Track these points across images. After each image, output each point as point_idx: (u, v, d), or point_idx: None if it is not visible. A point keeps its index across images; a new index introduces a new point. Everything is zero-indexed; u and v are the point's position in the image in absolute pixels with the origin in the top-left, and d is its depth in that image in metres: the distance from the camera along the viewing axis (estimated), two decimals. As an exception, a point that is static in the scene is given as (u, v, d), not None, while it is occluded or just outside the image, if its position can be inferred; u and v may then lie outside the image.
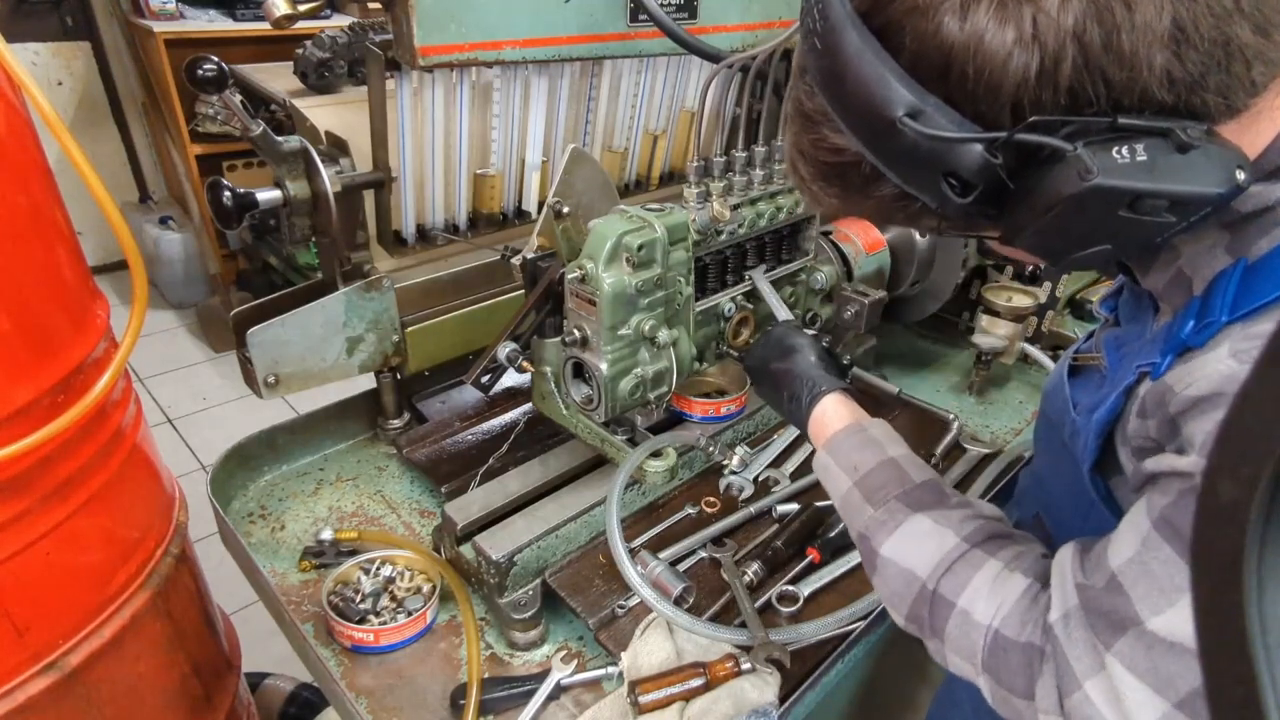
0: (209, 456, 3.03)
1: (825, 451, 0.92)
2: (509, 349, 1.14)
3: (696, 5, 1.38)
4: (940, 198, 0.60)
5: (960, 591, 0.75)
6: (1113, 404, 0.75)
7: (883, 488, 0.84)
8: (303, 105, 1.47)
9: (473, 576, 1.16)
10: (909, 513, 0.81)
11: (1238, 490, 0.32)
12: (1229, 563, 0.33)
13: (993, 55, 0.54)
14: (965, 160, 0.58)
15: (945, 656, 0.78)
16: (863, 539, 0.84)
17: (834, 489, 0.90)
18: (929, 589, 0.76)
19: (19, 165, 0.88)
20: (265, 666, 1.90)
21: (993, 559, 0.76)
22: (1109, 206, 0.56)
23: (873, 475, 0.86)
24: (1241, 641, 0.32)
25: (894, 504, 0.83)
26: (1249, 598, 0.32)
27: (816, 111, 0.66)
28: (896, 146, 0.59)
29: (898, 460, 0.87)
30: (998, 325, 1.60)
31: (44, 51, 3.86)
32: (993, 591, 0.74)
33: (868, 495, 0.85)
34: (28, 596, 0.94)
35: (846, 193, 0.69)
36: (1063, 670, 0.68)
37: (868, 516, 0.84)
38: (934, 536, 0.78)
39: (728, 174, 1.22)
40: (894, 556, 0.80)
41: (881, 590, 0.83)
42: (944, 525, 0.79)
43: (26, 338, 0.89)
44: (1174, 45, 0.53)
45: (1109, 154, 0.54)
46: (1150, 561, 0.62)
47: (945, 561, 0.76)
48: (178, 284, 4.06)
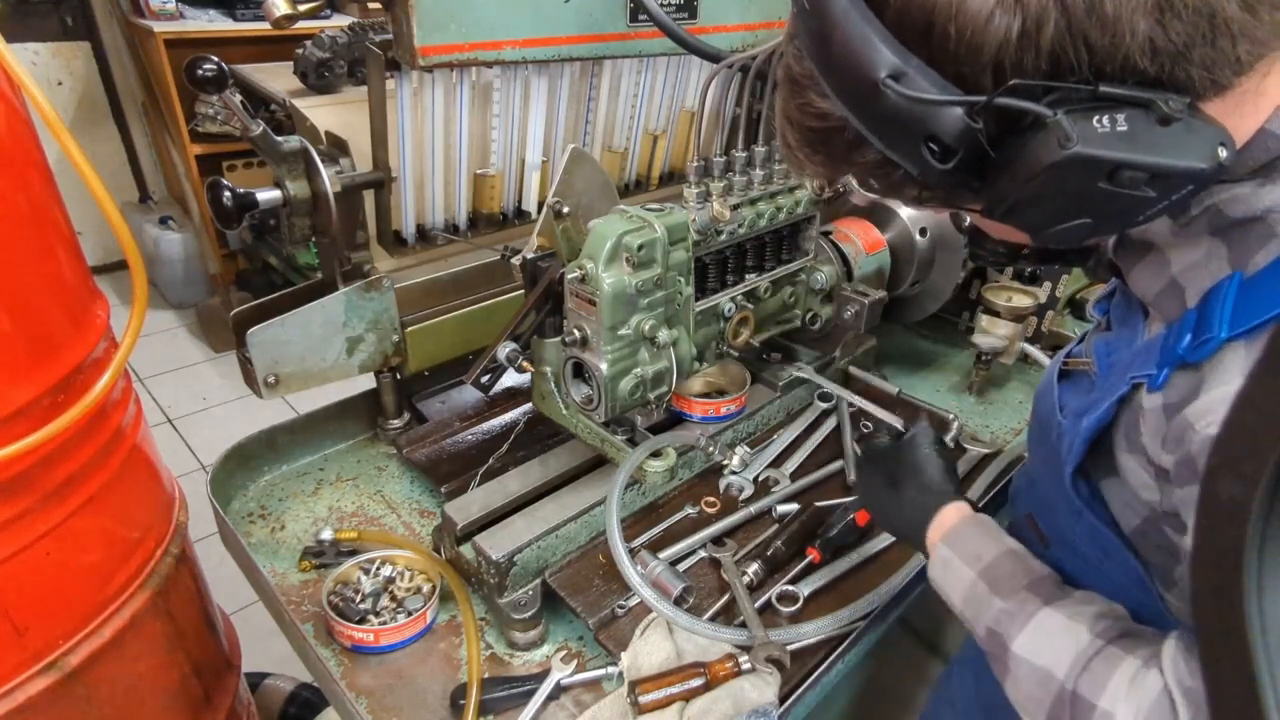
0: (209, 456, 3.03)
1: (945, 544, 0.88)
2: (509, 349, 1.14)
3: (696, 5, 1.38)
4: (921, 164, 0.60)
5: (1100, 693, 0.71)
6: (1104, 412, 0.75)
7: (1010, 577, 0.82)
8: (303, 105, 1.47)
9: (473, 576, 1.16)
10: (1040, 604, 0.78)
11: (1238, 489, 0.32)
12: (1229, 563, 0.33)
13: (975, 15, 0.54)
14: (946, 125, 0.57)
15: None
16: (992, 635, 0.80)
17: (956, 583, 0.86)
18: (1067, 689, 0.73)
19: (19, 165, 0.88)
20: (265, 666, 1.90)
21: (1130, 656, 0.72)
22: (1088, 177, 0.56)
23: (998, 564, 0.83)
24: (1242, 641, 0.32)
25: (1024, 594, 0.80)
26: (1249, 598, 0.32)
27: (803, 76, 0.66)
28: (879, 110, 0.59)
29: (1018, 552, 0.85)
30: (997, 325, 1.60)
31: (44, 51, 3.86)
32: (1130, 693, 0.70)
33: (993, 586, 0.82)
34: (28, 596, 0.94)
35: (830, 159, 0.69)
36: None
37: (997, 609, 0.80)
38: (1069, 633, 0.75)
39: (728, 174, 1.22)
40: (1027, 655, 0.77)
41: (1014, 695, 0.79)
42: (1078, 621, 0.76)
43: (26, 338, 0.89)
44: (1158, 13, 0.53)
45: (1089, 122, 0.54)
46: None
47: (1082, 659, 0.73)
48: (178, 284, 4.06)
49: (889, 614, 1.12)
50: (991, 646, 0.81)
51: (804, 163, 0.72)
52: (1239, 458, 0.32)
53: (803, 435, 1.46)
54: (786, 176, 1.32)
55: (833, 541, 1.19)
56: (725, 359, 1.36)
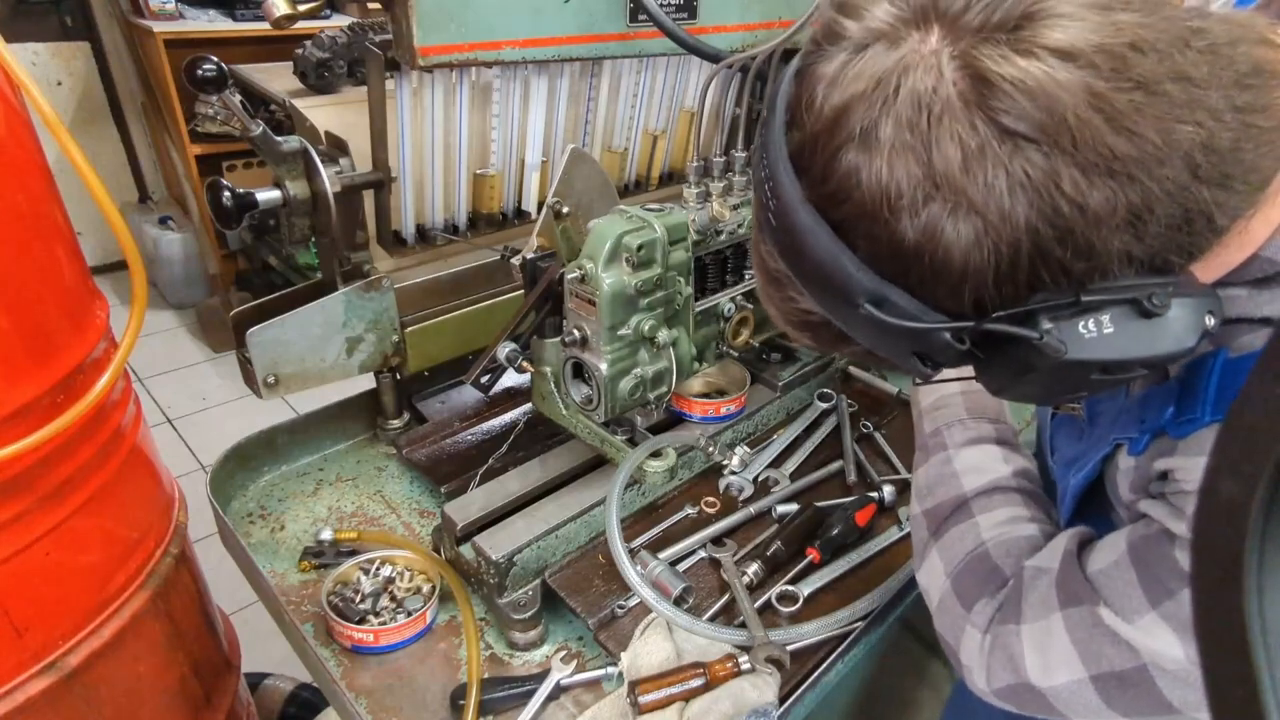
0: (209, 456, 3.02)
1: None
2: (508, 349, 1.14)
3: (696, 5, 1.38)
4: (912, 367, 0.61)
5: (984, 512, 0.84)
6: (1090, 471, 0.79)
7: (984, 409, 0.92)
8: (302, 105, 1.46)
9: (472, 576, 1.16)
10: (993, 439, 0.89)
11: (1238, 489, 0.32)
12: (1229, 563, 0.33)
13: (948, 255, 0.54)
14: (933, 343, 0.58)
15: (925, 557, 0.87)
16: (938, 434, 0.92)
17: (939, 388, 0.95)
18: (966, 498, 0.86)
19: (19, 165, 0.88)
20: (265, 666, 1.90)
21: (1025, 508, 0.85)
22: (1082, 372, 0.56)
23: (981, 397, 0.93)
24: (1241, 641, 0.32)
25: (986, 425, 0.91)
26: (1249, 598, 0.32)
27: (781, 274, 0.65)
28: (863, 323, 0.59)
29: (1004, 406, 0.95)
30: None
31: (44, 51, 3.86)
32: (1005, 524, 0.83)
33: (969, 405, 0.93)
34: (27, 596, 0.94)
35: (820, 343, 0.70)
36: (1009, 604, 0.76)
37: (957, 420, 0.92)
38: (995, 468, 0.87)
39: (727, 174, 1.22)
40: (956, 460, 0.88)
41: (921, 477, 0.91)
42: (1010, 463, 0.87)
43: (26, 338, 0.89)
44: (1131, 229, 0.52)
45: (1075, 329, 0.54)
46: (1118, 580, 0.68)
47: (991, 486, 0.85)
48: (177, 284, 4.06)
49: (889, 614, 1.12)
50: (929, 441, 0.94)
51: (795, 339, 0.73)
52: (1239, 458, 0.32)
53: (803, 435, 1.46)
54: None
55: (833, 541, 1.19)
56: (725, 359, 1.36)
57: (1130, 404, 0.73)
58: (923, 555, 0.88)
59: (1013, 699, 0.75)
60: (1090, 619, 0.69)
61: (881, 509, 1.27)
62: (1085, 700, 0.70)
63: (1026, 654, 0.73)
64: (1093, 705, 0.70)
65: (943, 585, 0.83)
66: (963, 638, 0.80)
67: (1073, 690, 0.70)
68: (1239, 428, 0.33)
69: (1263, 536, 0.32)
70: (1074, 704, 0.71)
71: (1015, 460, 0.89)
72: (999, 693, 0.76)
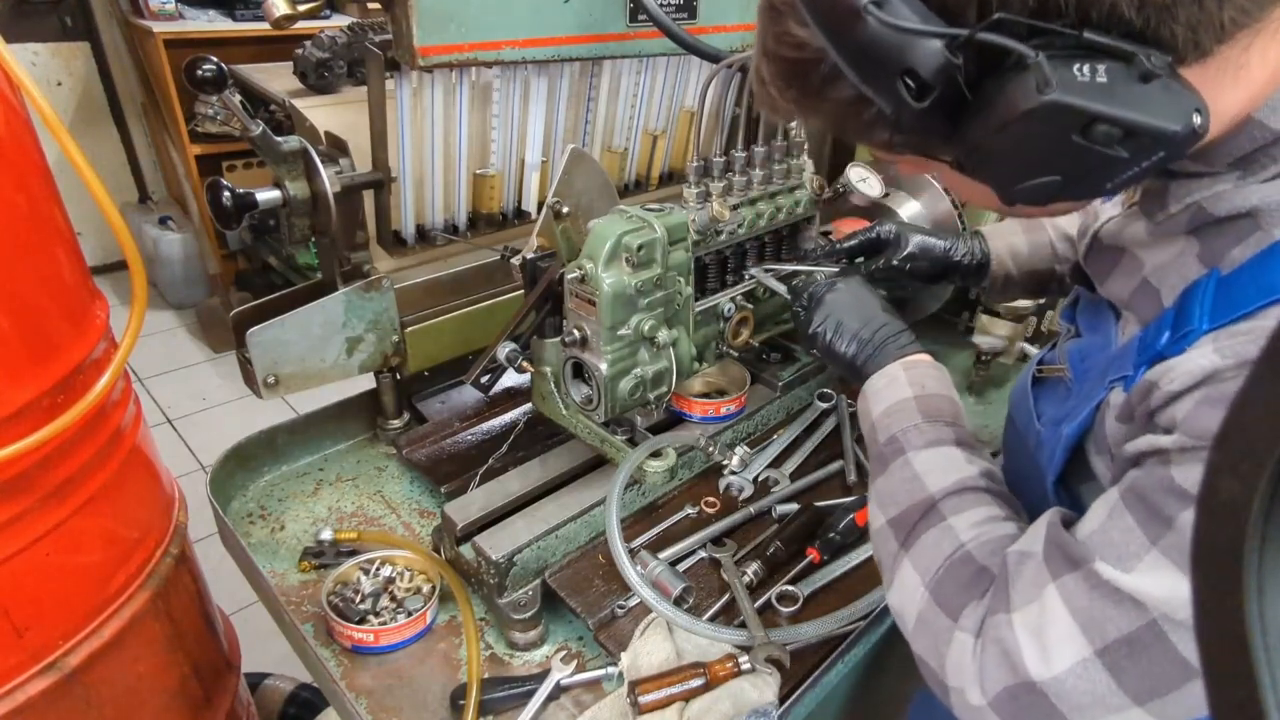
0: (209, 456, 3.02)
1: (901, 366, 0.92)
2: (508, 349, 1.14)
3: (696, 5, 1.38)
4: (896, 100, 0.59)
5: (955, 513, 0.77)
6: (1084, 418, 0.75)
7: (940, 412, 0.86)
8: (302, 105, 1.46)
9: (472, 577, 1.16)
10: (952, 441, 0.83)
11: (1238, 489, 0.32)
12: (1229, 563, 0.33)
13: None
14: (925, 58, 0.56)
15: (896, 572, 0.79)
16: (893, 441, 0.85)
17: (889, 396, 0.89)
18: (934, 499, 0.79)
19: (18, 165, 0.88)
20: (265, 666, 1.90)
21: (998, 507, 0.79)
22: (1063, 127, 0.55)
23: (937, 400, 0.88)
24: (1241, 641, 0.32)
25: (943, 427, 0.84)
26: (1249, 598, 0.32)
27: (783, 3, 0.65)
28: (858, 38, 0.58)
29: (956, 401, 0.89)
30: (997, 325, 1.60)
31: (43, 52, 3.86)
32: (983, 523, 0.76)
33: (922, 408, 0.86)
34: (27, 596, 0.94)
35: (804, 95, 0.68)
36: (998, 595, 0.69)
37: (913, 424, 0.85)
38: (960, 469, 0.81)
39: (727, 174, 1.22)
40: (916, 464, 0.82)
41: (881, 487, 0.84)
42: (973, 465, 0.81)
43: (26, 338, 0.89)
44: None
45: (1069, 70, 0.53)
46: (1112, 530, 0.63)
47: (958, 486, 0.79)
48: (177, 284, 4.06)
49: (889, 614, 1.11)
50: (885, 450, 0.86)
51: (776, 100, 0.71)
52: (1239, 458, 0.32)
53: (802, 435, 1.46)
54: (786, 176, 1.32)
55: (833, 541, 1.19)
56: (725, 359, 1.36)
57: (1121, 350, 0.73)
58: (893, 571, 0.80)
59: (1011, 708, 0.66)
60: (1087, 581, 0.63)
61: (881, 509, 1.27)
62: (1093, 685, 0.62)
63: (1022, 644, 0.65)
64: (1102, 690, 0.62)
65: (920, 599, 0.75)
66: (949, 651, 0.71)
67: (1078, 675, 0.62)
68: (1239, 428, 0.33)
69: (1263, 536, 0.32)
70: (1081, 696, 0.62)
71: (979, 461, 0.82)
72: (996, 702, 0.67)
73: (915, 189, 1.67)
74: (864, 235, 1.24)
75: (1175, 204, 0.69)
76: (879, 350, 0.95)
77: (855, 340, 0.98)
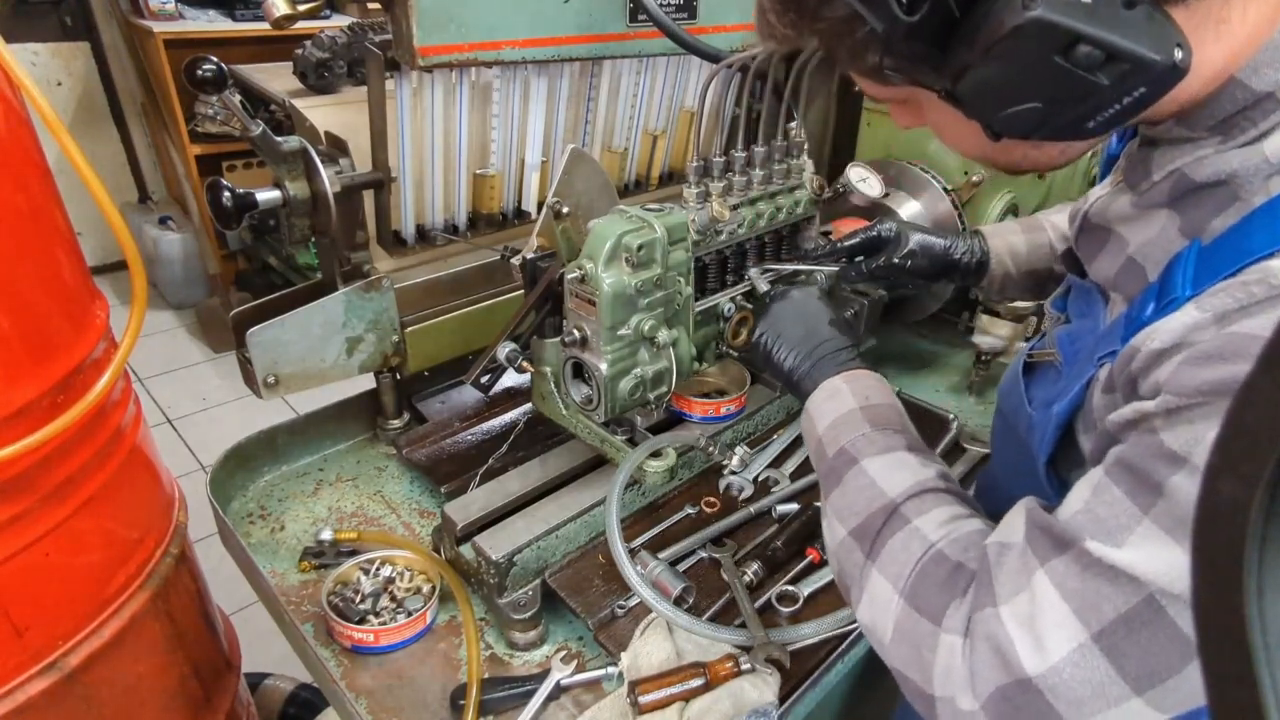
0: (209, 456, 3.03)
1: (844, 380, 0.92)
2: (508, 349, 1.14)
3: (696, 5, 1.38)
4: (888, 16, 0.60)
5: (919, 515, 0.76)
6: (1074, 396, 0.75)
7: (887, 420, 0.86)
8: (302, 105, 1.46)
9: (472, 577, 1.16)
10: (903, 447, 0.83)
11: (1238, 489, 0.32)
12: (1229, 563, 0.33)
13: None
14: None
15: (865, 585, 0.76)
16: (843, 453, 0.84)
17: (833, 410, 0.89)
18: (895, 503, 0.77)
19: (18, 165, 0.88)
20: (265, 666, 1.90)
21: (960, 506, 0.78)
22: (1046, 46, 0.56)
23: (883, 409, 0.87)
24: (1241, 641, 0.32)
25: (892, 435, 0.84)
26: (1249, 598, 0.32)
27: None
28: None
29: (902, 411, 0.89)
30: (997, 325, 1.60)
31: (43, 52, 3.86)
32: (950, 522, 0.75)
33: (868, 418, 0.86)
34: (27, 596, 0.94)
35: (800, 16, 0.69)
36: (981, 589, 0.66)
37: (861, 434, 0.84)
38: (915, 472, 0.80)
39: (727, 174, 1.22)
40: (871, 472, 0.81)
41: (837, 500, 0.82)
42: (928, 468, 0.81)
43: (26, 338, 0.89)
44: None
45: None
46: (1098, 506, 0.62)
47: (917, 488, 0.78)
48: (177, 284, 4.06)
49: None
50: (836, 463, 0.84)
51: (774, 26, 0.72)
52: (1239, 458, 0.32)
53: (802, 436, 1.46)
54: (786, 176, 1.32)
55: (833, 541, 1.18)
56: (725, 359, 1.36)
57: (1109, 328, 0.73)
58: (861, 585, 0.76)
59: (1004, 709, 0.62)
60: (1078, 562, 0.60)
61: (881, 509, 1.27)
62: (1091, 674, 0.59)
63: (1014, 637, 0.61)
64: (1100, 679, 0.59)
65: (896, 608, 0.71)
66: (935, 657, 0.67)
67: (1075, 664, 0.59)
68: (1239, 428, 0.32)
69: (1263, 536, 0.32)
70: (1079, 687, 0.59)
71: (933, 465, 0.81)
72: (988, 705, 0.63)
73: (915, 189, 1.67)
74: (864, 234, 1.24)
75: (1158, 172, 0.70)
76: (817, 365, 0.95)
77: (795, 353, 0.98)
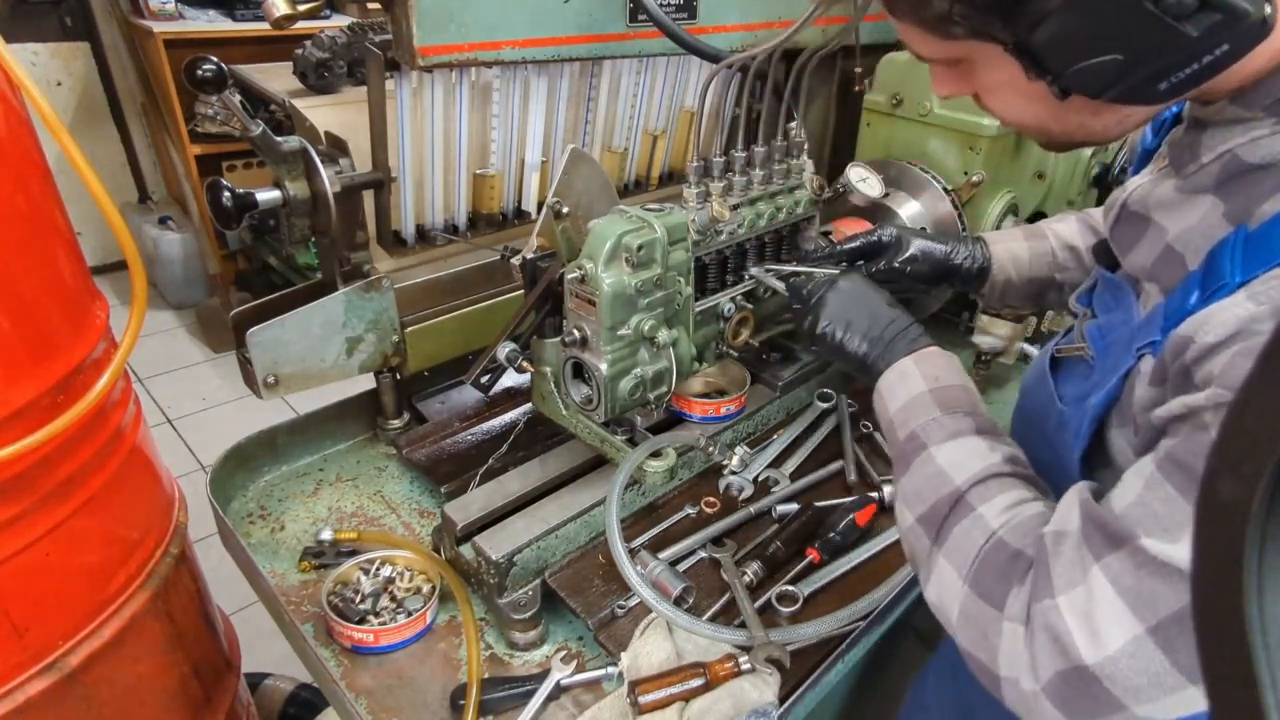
0: (209, 456, 3.03)
1: (912, 360, 0.92)
2: (508, 349, 1.14)
3: (696, 5, 1.38)
4: None
5: (983, 502, 0.77)
6: (1111, 388, 0.75)
7: (956, 402, 0.86)
8: (302, 105, 1.47)
9: (472, 577, 1.16)
10: (971, 430, 0.83)
11: (1238, 489, 0.32)
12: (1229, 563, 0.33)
13: None
14: None
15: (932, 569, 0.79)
16: (913, 438, 0.85)
17: (904, 391, 0.90)
18: (960, 490, 0.78)
19: (18, 165, 0.88)
20: (265, 666, 1.90)
21: (1025, 489, 0.78)
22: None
23: (952, 390, 0.88)
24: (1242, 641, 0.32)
25: (961, 417, 0.84)
26: (1249, 598, 0.32)
27: None
28: None
29: (971, 389, 0.89)
30: (997, 325, 1.60)
31: (43, 52, 3.86)
32: (1012, 507, 0.76)
33: (939, 401, 0.86)
34: (27, 596, 0.94)
35: None
36: (1040, 579, 0.67)
37: (931, 418, 0.85)
38: (983, 457, 0.80)
39: (727, 174, 1.22)
40: (939, 458, 0.82)
41: (906, 486, 0.84)
42: (995, 452, 0.81)
43: (26, 338, 0.89)
44: None
45: None
46: (1152, 502, 0.62)
47: (983, 474, 0.78)
48: (177, 284, 4.06)
49: (889, 614, 1.12)
50: (907, 446, 0.86)
51: None
52: (1239, 458, 0.32)
53: (803, 435, 1.46)
54: (786, 176, 1.32)
55: (833, 541, 1.19)
56: (725, 359, 1.36)
57: (1146, 319, 0.72)
58: (928, 567, 0.79)
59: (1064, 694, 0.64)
60: (1133, 559, 0.61)
61: (881, 509, 1.27)
62: (1147, 664, 0.60)
63: (1072, 628, 0.62)
64: (1156, 669, 0.59)
65: (961, 593, 0.74)
66: (1001, 642, 0.69)
67: (1131, 654, 0.60)
68: (1239, 428, 0.33)
69: (1263, 536, 0.32)
70: (1135, 676, 0.60)
71: (1001, 448, 0.82)
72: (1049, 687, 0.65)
73: (915, 189, 1.67)
74: (864, 238, 1.24)
75: (1207, 154, 0.68)
76: (890, 346, 0.95)
77: (865, 338, 0.98)
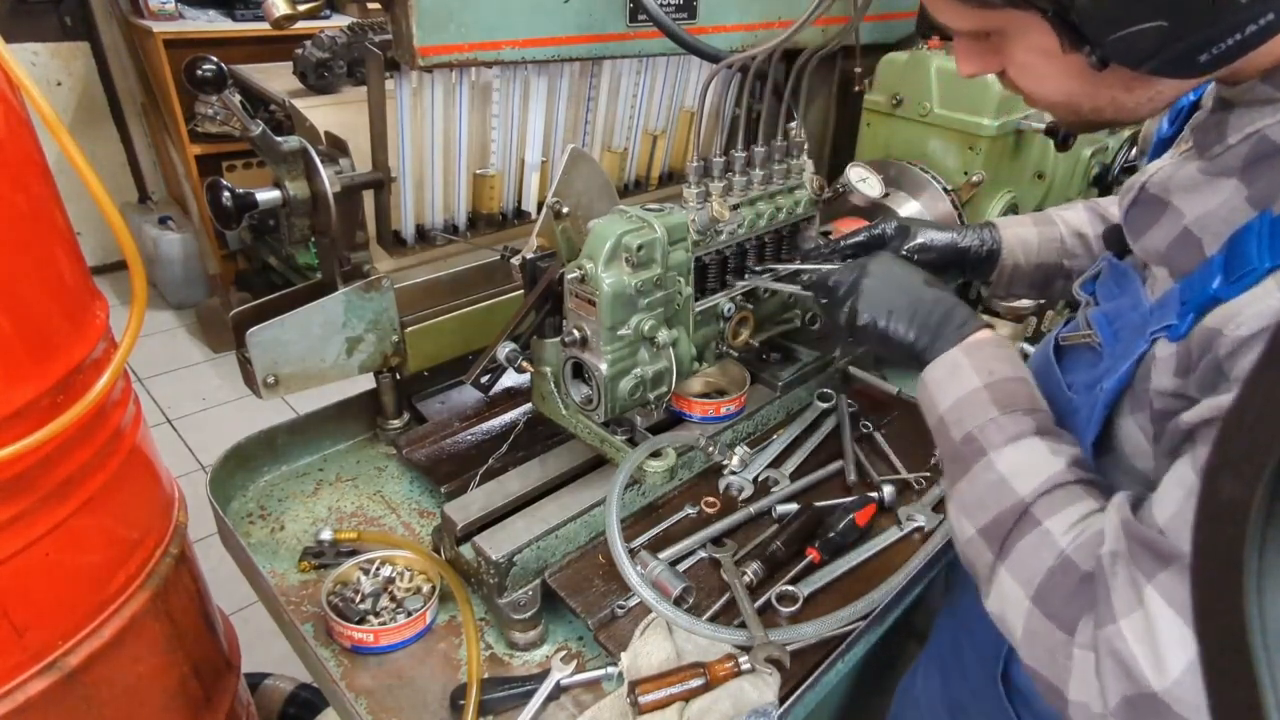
0: (209, 456, 3.03)
1: (963, 351, 0.87)
2: (508, 349, 1.14)
3: (696, 5, 1.38)
4: None
5: (1049, 516, 0.74)
6: (1124, 373, 0.74)
7: (1013, 398, 0.82)
8: (302, 105, 1.47)
9: (472, 577, 1.16)
10: (1032, 430, 0.79)
11: (1238, 489, 0.32)
12: (1229, 563, 0.33)
13: None
14: None
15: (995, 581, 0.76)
16: (971, 440, 0.81)
17: (956, 388, 0.85)
18: (1026, 503, 0.75)
19: (18, 165, 0.88)
20: (265, 666, 1.90)
21: (1092, 499, 0.75)
22: None
23: (1007, 384, 0.83)
24: (1241, 641, 0.32)
25: (1021, 416, 0.80)
26: (1249, 598, 0.32)
27: None
28: None
29: (1028, 380, 0.85)
30: (997, 325, 1.60)
31: (43, 52, 3.86)
32: (1078, 522, 0.73)
33: (995, 399, 0.82)
34: (27, 596, 0.94)
35: None
36: (1102, 604, 0.66)
37: (989, 419, 0.80)
38: (1047, 462, 0.76)
39: (727, 174, 1.22)
40: (1001, 466, 0.78)
41: (966, 493, 0.80)
42: (1059, 455, 0.77)
43: (26, 338, 0.89)
44: None
45: None
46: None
47: (1049, 484, 0.75)
48: (177, 284, 4.06)
49: (889, 614, 1.12)
50: (964, 449, 0.82)
51: None
52: (1239, 458, 0.32)
53: (802, 435, 1.46)
54: (786, 176, 1.32)
55: (833, 541, 1.19)
56: (725, 359, 1.36)
57: (1160, 302, 0.71)
58: (990, 581, 0.77)
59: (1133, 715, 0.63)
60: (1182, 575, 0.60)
61: (881, 509, 1.27)
62: None
63: (1136, 654, 0.62)
64: None
65: (1026, 611, 0.73)
66: (1072, 666, 0.68)
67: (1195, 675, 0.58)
68: (1239, 428, 0.33)
69: (1263, 536, 0.32)
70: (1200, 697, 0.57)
71: (1064, 450, 0.78)
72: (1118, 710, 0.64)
73: (915, 189, 1.67)
74: (866, 232, 1.23)
75: (1234, 134, 0.67)
76: (936, 333, 0.91)
77: (912, 324, 0.93)
